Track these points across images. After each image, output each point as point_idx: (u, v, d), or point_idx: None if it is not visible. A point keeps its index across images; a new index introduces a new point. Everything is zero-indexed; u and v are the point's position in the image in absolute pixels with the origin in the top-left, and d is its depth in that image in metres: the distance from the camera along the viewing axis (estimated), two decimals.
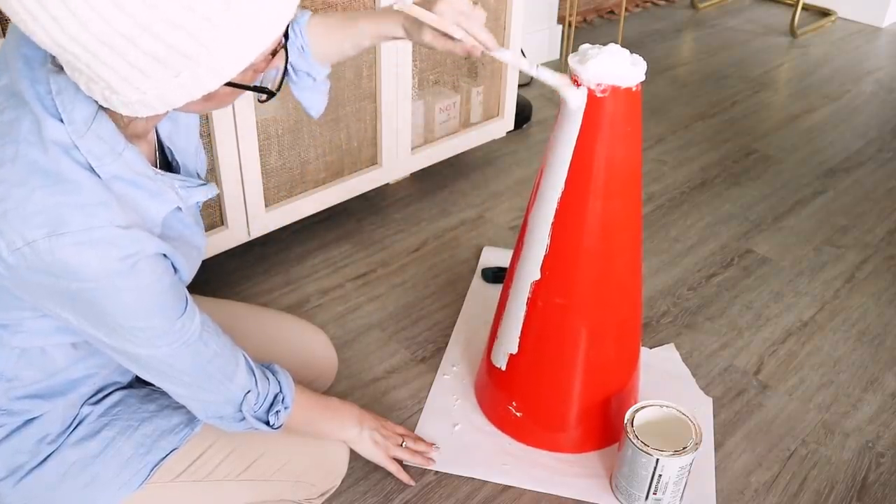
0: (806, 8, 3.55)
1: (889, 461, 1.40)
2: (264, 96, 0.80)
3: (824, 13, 3.62)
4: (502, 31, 2.07)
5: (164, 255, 0.82)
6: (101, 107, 0.75)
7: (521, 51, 1.05)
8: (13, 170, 0.73)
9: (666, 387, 1.49)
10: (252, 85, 0.77)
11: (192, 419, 1.01)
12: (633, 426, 1.22)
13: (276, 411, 1.01)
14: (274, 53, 0.76)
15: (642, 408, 1.25)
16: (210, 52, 0.66)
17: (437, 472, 1.33)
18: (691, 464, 1.21)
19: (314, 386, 1.33)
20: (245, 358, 0.98)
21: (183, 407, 1.01)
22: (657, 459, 1.18)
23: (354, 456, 1.23)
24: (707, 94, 2.83)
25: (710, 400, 1.49)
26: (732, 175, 2.30)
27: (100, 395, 0.99)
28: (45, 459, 0.94)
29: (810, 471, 1.38)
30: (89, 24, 0.62)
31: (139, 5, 0.62)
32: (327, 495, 1.18)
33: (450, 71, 2.03)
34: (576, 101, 1.10)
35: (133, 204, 0.79)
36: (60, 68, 0.73)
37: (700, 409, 1.47)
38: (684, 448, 1.19)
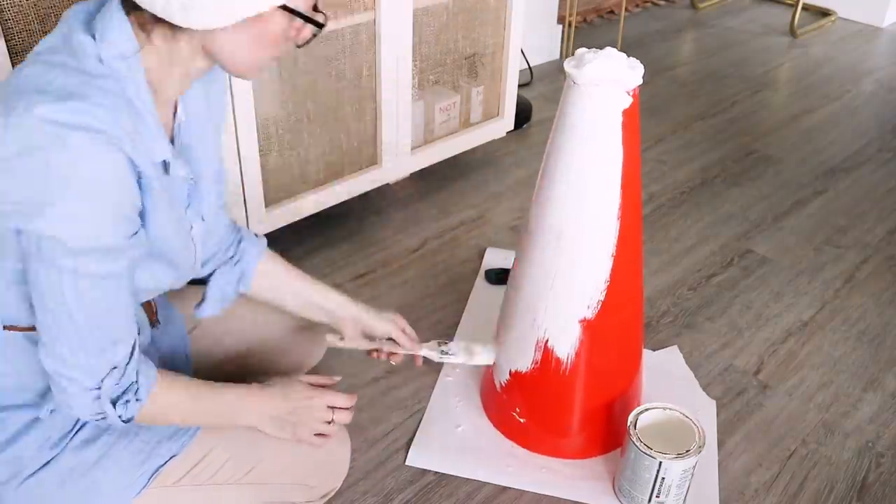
0: (806, 8, 3.55)
1: (889, 461, 1.40)
2: (316, 29, 0.84)
3: (824, 13, 3.62)
4: (502, 31, 2.07)
5: (139, 181, 0.82)
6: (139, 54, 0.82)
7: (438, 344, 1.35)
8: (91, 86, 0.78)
9: (669, 389, 1.49)
10: (304, 14, 0.82)
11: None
12: (636, 429, 1.22)
13: (126, 401, 0.91)
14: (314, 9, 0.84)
15: (645, 410, 1.25)
16: None
17: (437, 473, 1.33)
18: (694, 466, 1.21)
19: (292, 368, 1.29)
20: (136, 340, 0.90)
21: None
22: (660, 462, 1.18)
23: (354, 456, 1.23)
24: (707, 94, 2.83)
25: (714, 402, 1.49)
26: (732, 175, 2.30)
27: None
28: (46, 464, 0.94)
29: (810, 471, 1.38)
30: None
31: None
32: (328, 496, 1.18)
33: (450, 71, 2.03)
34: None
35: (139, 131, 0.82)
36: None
37: (703, 412, 1.46)
38: (687, 451, 1.19)
